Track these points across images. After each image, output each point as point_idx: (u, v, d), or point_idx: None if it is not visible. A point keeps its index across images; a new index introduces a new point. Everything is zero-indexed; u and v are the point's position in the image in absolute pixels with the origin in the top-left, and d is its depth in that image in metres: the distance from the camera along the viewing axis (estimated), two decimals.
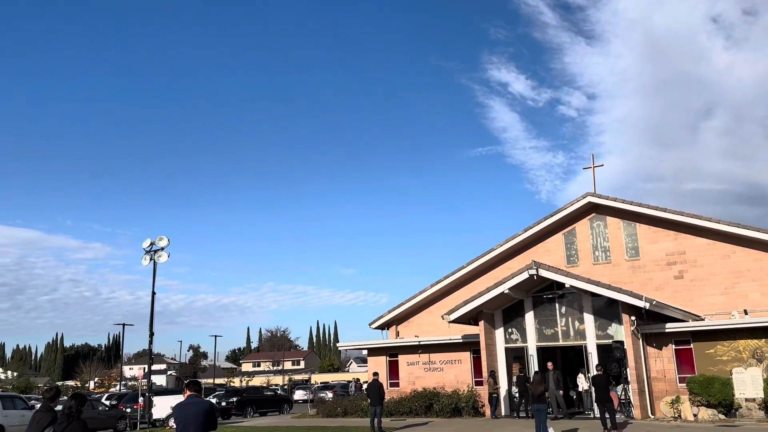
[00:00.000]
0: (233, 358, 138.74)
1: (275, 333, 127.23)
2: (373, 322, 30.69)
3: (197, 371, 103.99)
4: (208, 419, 7.41)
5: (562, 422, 18.83)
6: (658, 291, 23.59)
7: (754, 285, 22.59)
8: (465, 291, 27.70)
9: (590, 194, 25.96)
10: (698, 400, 19.13)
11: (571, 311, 21.96)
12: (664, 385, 20.54)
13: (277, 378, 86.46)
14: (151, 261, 26.86)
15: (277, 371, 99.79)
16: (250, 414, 33.08)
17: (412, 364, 26.46)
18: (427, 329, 28.94)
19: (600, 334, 21.25)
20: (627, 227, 25.47)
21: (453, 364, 25.42)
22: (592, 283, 20.70)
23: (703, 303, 23.20)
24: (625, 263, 25.28)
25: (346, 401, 27.71)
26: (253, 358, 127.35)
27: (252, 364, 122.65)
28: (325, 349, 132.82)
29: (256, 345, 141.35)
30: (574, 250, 26.54)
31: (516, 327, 23.03)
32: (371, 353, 27.97)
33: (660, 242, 24.68)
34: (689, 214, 23.93)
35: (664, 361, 20.75)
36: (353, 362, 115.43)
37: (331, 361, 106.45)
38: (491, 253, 27.86)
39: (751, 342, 19.44)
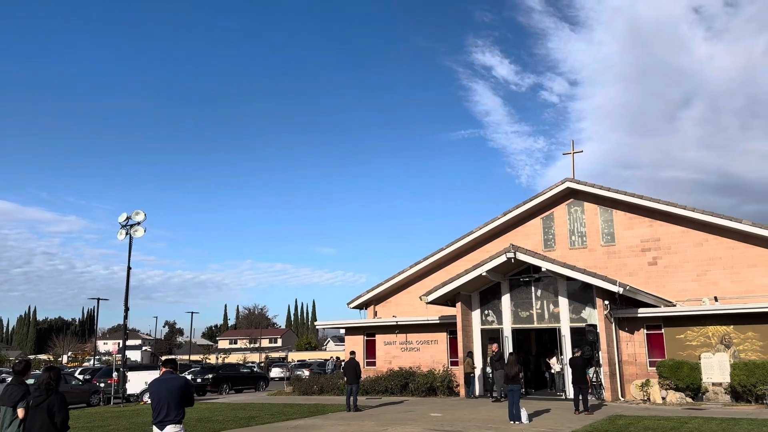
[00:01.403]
0: (210, 335, 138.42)
1: (253, 311, 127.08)
2: (351, 301, 30.81)
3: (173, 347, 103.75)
4: (183, 395, 7.40)
5: (534, 402, 19.18)
6: (632, 276, 24.01)
7: (724, 273, 23.08)
8: (444, 273, 27.91)
9: (569, 180, 26.20)
10: (667, 384, 19.61)
11: (546, 294, 22.26)
12: (635, 369, 21.00)
13: (253, 355, 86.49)
14: (127, 235, 26.60)
15: (253, 349, 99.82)
16: (226, 391, 33.12)
17: (389, 344, 26.67)
18: (405, 309, 29.15)
19: (574, 317, 21.60)
20: (604, 213, 25.80)
21: (430, 344, 25.68)
22: (568, 268, 20.98)
23: (675, 289, 23.68)
24: (600, 248, 25.65)
25: (323, 379, 27.87)
26: (229, 336, 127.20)
27: (228, 342, 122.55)
28: (303, 328, 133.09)
29: (233, 322, 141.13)
30: (551, 235, 26.83)
31: (492, 309, 23.30)
32: (349, 332, 28.12)
33: (635, 229, 25.06)
34: (664, 202, 24.30)
35: (636, 345, 21.19)
36: (331, 341, 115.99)
37: (309, 340, 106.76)
38: (470, 236, 28.06)
39: (720, 328, 19.92)
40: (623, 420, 15.11)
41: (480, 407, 19.12)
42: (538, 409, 17.43)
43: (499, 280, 22.96)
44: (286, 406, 20.99)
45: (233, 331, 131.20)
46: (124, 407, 23.84)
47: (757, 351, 19.20)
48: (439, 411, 18.10)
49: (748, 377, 18.31)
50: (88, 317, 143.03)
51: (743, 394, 18.51)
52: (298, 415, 17.94)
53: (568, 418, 15.83)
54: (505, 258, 21.33)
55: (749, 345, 19.40)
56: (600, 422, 14.77)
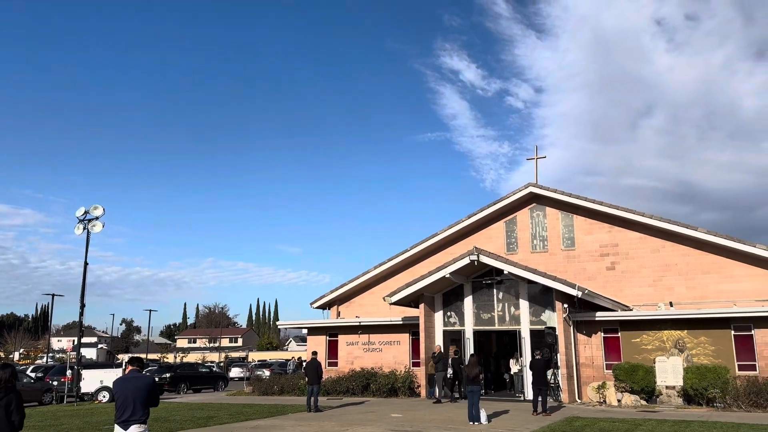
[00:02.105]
0: (168, 333, 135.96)
1: (213, 309, 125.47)
2: (315, 301, 30.66)
3: (130, 345, 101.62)
4: (150, 395, 7.24)
5: (493, 404, 19.38)
6: (590, 281, 24.50)
7: (680, 279, 23.75)
8: (408, 274, 28.01)
9: (532, 185, 26.60)
10: (623, 386, 20.05)
11: (508, 297, 22.54)
12: (592, 371, 21.43)
13: (213, 355, 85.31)
14: (84, 230, 25.93)
15: (213, 348, 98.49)
16: (184, 390, 32.59)
17: (351, 344, 26.62)
18: (368, 310, 29.15)
19: (534, 320, 21.92)
20: (565, 218, 26.27)
21: (392, 345, 25.72)
22: (529, 271, 21.29)
23: (632, 294, 24.25)
24: (561, 253, 26.11)
25: (283, 379, 27.65)
26: (188, 334, 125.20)
27: (188, 341, 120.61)
28: (265, 328, 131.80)
29: (192, 321, 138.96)
30: (514, 238, 27.20)
31: (455, 311, 23.48)
32: (311, 332, 27.97)
33: (595, 234, 25.59)
34: (623, 208, 24.87)
35: (593, 348, 21.62)
36: (293, 341, 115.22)
37: (270, 340, 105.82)
38: (435, 238, 28.24)
39: (675, 333, 20.47)
40: (580, 421, 15.39)
41: (440, 408, 19.24)
42: (497, 410, 17.62)
43: (462, 282, 23.15)
44: (246, 407, 20.75)
45: (193, 330, 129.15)
46: (77, 406, 23.22)
47: (709, 355, 19.79)
48: (399, 412, 18.15)
49: (700, 381, 18.84)
50: (42, 314, 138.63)
51: (695, 397, 19.05)
52: (257, 416, 17.75)
53: (527, 419, 16.05)
54: (468, 260, 21.52)
55: (702, 349, 19.98)
56: (557, 423, 15.02)
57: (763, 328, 19.20)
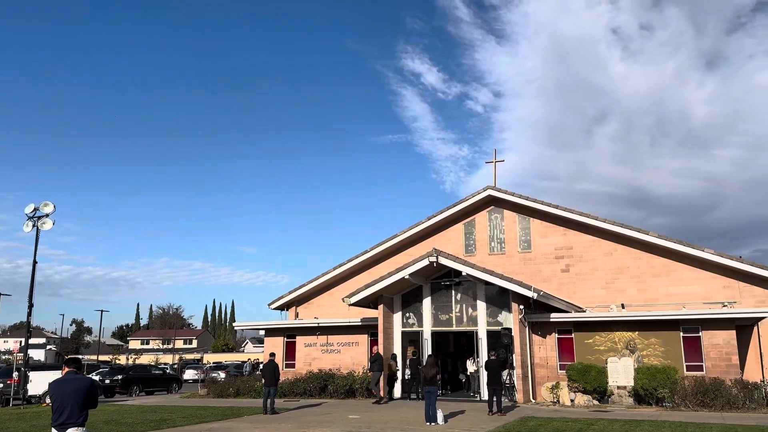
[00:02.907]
0: (120, 334, 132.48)
1: (167, 310, 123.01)
2: (272, 302, 30.38)
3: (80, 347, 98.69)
4: (88, 397, 6.99)
5: (450, 404, 19.54)
6: (546, 282, 24.97)
7: (631, 281, 24.42)
8: (367, 275, 28.02)
9: (491, 188, 26.96)
10: (576, 387, 20.48)
11: (466, 298, 22.76)
12: (546, 372, 21.82)
13: (167, 357, 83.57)
14: (34, 228, 25.09)
15: (167, 350, 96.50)
16: (136, 393, 31.84)
17: (309, 346, 26.44)
18: (327, 311, 29.03)
19: (491, 321, 22.19)
20: (522, 221, 26.71)
21: (350, 346, 25.66)
22: (487, 272, 21.55)
23: (585, 296, 24.82)
24: (518, 255, 26.53)
25: (239, 381, 27.27)
26: (141, 336, 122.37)
27: (140, 342, 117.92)
28: (221, 329, 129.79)
29: (146, 322, 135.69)
30: (472, 240, 27.50)
31: (413, 312, 23.58)
32: (268, 334, 27.67)
33: (550, 237, 26.10)
34: (578, 212, 25.44)
35: (547, 349, 22.01)
36: (249, 342, 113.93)
37: (226, 341, 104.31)
38: (395, 239, 28.33)
39: (626, 334, 21.02)
40: (534, 421, 15.63)
41: (397, 408, 19.28)
42: (453, 411, 17.77)
43: (421, 284, 23.27)
44: (200, 409, 20.38)
45: (146, 331, 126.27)
46: (24, 409, 22.40)
47: (659, 356, 20.38)
48: (357, 413, 18.11)
49: (650, 381, 19.39)
50: None
51: (645, 397, 19.59)
52: (212, 418, 17.44)
53: (482, 419, 16.22)
54: (427, 262, 21.64)
55: (652, 350, 20.57)
56: (512, 423, 15.22)
57: (711, 330, 19.89)
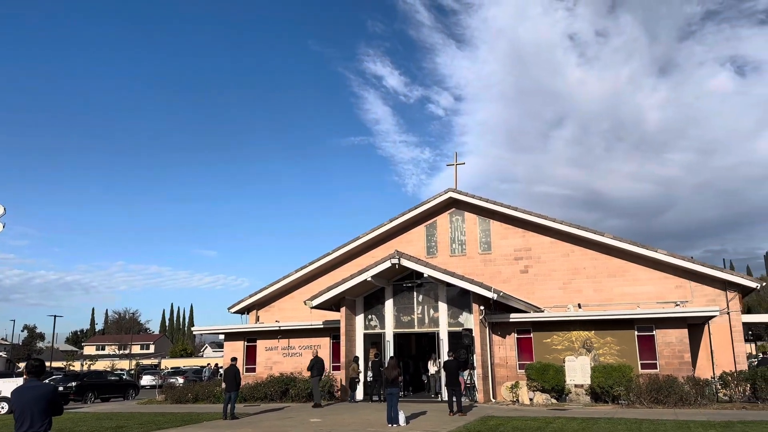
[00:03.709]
0: (74, 340, 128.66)
1: (123, 315, 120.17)
2: (232, 306, 29.99)
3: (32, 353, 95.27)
4: (51, 403, 6.78)
5: (412, 405, 19.61)
6: (505, 283, 25.32)
7: (588, 282, 24.97)
8: (329, 277, 27.92)
9: (452, 190, 27.20)
10: (535, 385, 20.82)
11: (427, 300, 22.89)
12: (506, 371, 22.11)
13: (123, 362, 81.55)
14: None
15: (123, 355, 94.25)
16: (91, 400, 30.97)
17: (270, 349, 26.18)
18: (288, 314, 28.81)
19: (452, 322, 22.38)
20: (482, 223, 27.04)
21: (312, 349, 25.47)
22: (448, 274, 21.72)
23: (544, 296, 25.26)
24: (478, 256, 26.83)
25: (198, 387, 26.80)
26: (97, 341, 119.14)
27: (96, 348, 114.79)
28: (179, 334, 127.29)
29: (101, 327, 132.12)
30: (434, 242, 27.70)
31: (376, 314, 23.59)
32: (228, 338, 27.28)
33: (510, 239, 26.49)
34: (536, 214, 25.88)
35: (507, 349, 22.32)
36: (208, 347, 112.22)
37: (185, 346, 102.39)
38: (357, 241, 28.31)
39: (583, 333, 21.47)
40: (494, 420, 15.82)
41: (359, 411, 19.25)
42: (415, 412, 17.83)
43: (383, 285, 23.31)
44: (158, 415, 19.94)
45: (101, 337, 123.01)
46: None
47: (615, 355, 20.89)
48: (319, 416, 18.00)
49: (606, 379, 19.85)
50: None
51: (602, 395, 20.04)
52: (169, 424, 17.09)
53: (443, 420, 16.33)
54: (389, 264, 21.70)
55: (608, 349, 21.06)
56: (473, 423, 15.37)
57: (664, 329, 20.48)
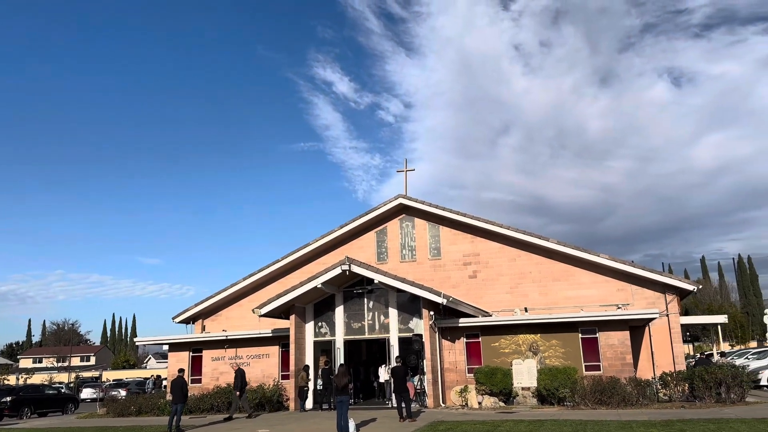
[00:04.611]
0: (9, 353, 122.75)
1: (62, 326, 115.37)
2: (177, 315, 29.25)
3: None
4: None
5: (362, 412, 19.54)
6: (455, 288, 25.59)
7: (534, 286, 25.50)
8: (278, 285, 27.59)
9: (402, 196, 27.34)
10: (483, 389, 21.08)
11: (378, 306, 22.90)
12: (455, 376, 22.31)
13: (62, 375, 78.33)
14: None
15: (62, 368, 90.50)
16: (27, 415, 29.60)
17: (217, 360, 25.64)
18: (236, 323, 28.30)
19: (402, 327, 22.45)
20: (432, 229, 27.27)
21: (261, 358, 25.12)
22: (398, 280, 21.79)
23: (492, 300, 25.65)
24: (428, 262, 27.04)
25: (141, 399, 25.98)
26: (34, 353, 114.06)
27: (33, 360, 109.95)
28: (121, 345, 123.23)
29: (38, 339, 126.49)
30: (384, 248, 27.75)
31: (326, 321, 23.43)
32: (173, 348, 26.56)
33: (459, 244, 26.81)
34: (484, 220, 26.30)
35: (456, 353, 22.53)
36: (152, 358, 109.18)
37: (127, 357, 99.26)
38: (307, 248, 28.07)
39: (529, 336, 21.90)
40: (443, 425, 15.92)
41: (309, 420, 19.05)
42: (365, 419, 17.78)
43: (333, 292, 23.18)
44: (99, 429, 19.22)
45: (38, 349, 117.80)
46: None
47: (560, 357, 21.37)
48: (267, 426, 17.72)
49: (552, 381, 20.27)
50: None
51: (548, 397, 20.45)
52: None
53: (393, 427, 16.32)
54: (340, 270, 21.60)
55: (553, 352, 21.54)
56: (422, 429, 15.42)
57: (606, 331, 21.09)
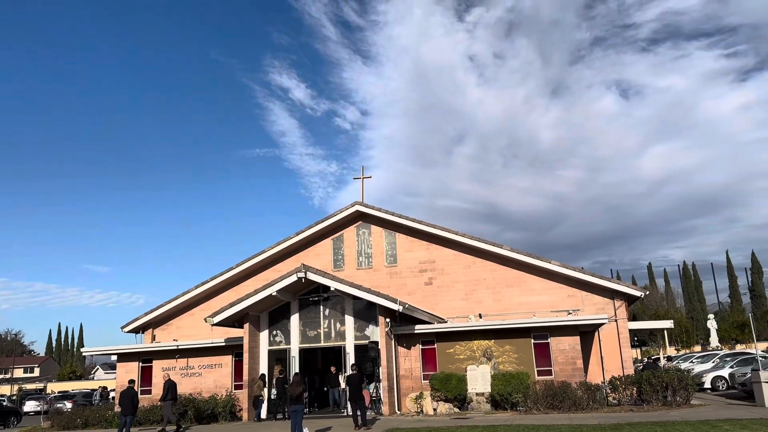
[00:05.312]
0: None
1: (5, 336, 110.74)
2: (126, 324, 28.48)
3: None
4: None
5: (317, 421, 19.39)
6: (411, 295, 25.72)
7: (488, 292, 25.85)
8: (232, 293, 27.19)
9: (358, 203, 27.35)
10: (438, 396, 21.20)
11: (334, 313, 22.80)
12: (411, 382, 22.39)
13: (4, 387, 75.08)
14: None
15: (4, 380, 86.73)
16: None
17: (167, 370, 25.00)
18: (188, 333, 27.73)
19: (358, 335, 22.41)
20: (388, 236, 27.36)
21: (213, 368, 24.65)
22: (355, 287, 21.76)
23: (447, 307, 25.87)
24: (385, 269, 27.10)
25: (89, 411, 25.11)
26: None
27: None
28: (67, 355, 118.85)
29: None
30: (341, 255, 27.68)
31: (281, 329, 23.19)
32: (122, 359, 25.81)
33: (415, 251, 26.97)
34: (440, 227, 26.54)
35: (412, 360, 22.62)
36: (100, 369, 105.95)
37: (74, 368, 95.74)
38: (262, 255, 27.75)
39: (483, 342, 22.16)
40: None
41: (262, 430, 18.79)
42: (320, 428, 17.65)
43: (289, 300, 22.96)
44: None
45: None
46: None
47: (513, 362, 21.69)
48: None
49: (505, 387, 20.55)
50: None
51: (501, 403, 20.72)
52: None
53: None
54: (296, 278, 21.43)
55: (507, 357, 21.85)
56: None
57: (558, 336, 21.53)
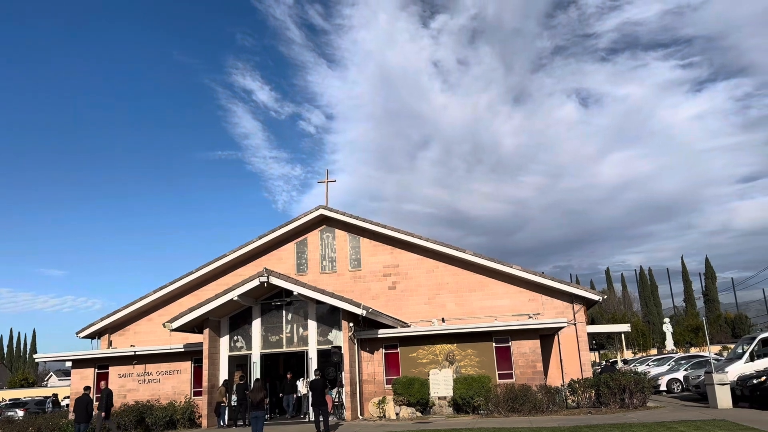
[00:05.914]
0: None
1: None
2: (81, 330, 27.67)
3: None
4: None
5: (279, 427, 19.16)
6: (374, 300, 25.67)
7: (451, 296, 25.99)
8: (192, 297, 26.72)
9: (323, 207, 27.21)
10: (401, 400, 21.19)
11: (297, 318, 22.59)
12: (374, 387, 22.32)
13: None
14: None
15: None
16: None
17: (124, 376, 24.42)
18: (146, 338, 27.12)
19: (321, 340, 22.24)
20: (352, 240, 27.28)
21: (172, 374, 24.14)
22: (318, 291, 21.61)
23: (410, 311, 25.92)
24: (349, 273, 27.00)
25: (41, 420, 24.29)
26: None
27: None
28: (20, 362, 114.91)
29: None
30: (304, 260, 27.47)
31: (242, 334, 22.85)
32: (76, 365, 25.07)
33: (379, 255, 26.96)
34: (404, 232, 26.60)
35: (375, 365, 22.57)
36: (54, 376, 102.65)
37: (26, 375, 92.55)
38: (223, 259, 27.34)
39: (446, 346, 22.26)
40: None
41: None
42: None
43: (251, 305, 22.66)
44: None
45: None
46: None
47: (475, 366, 21.84)
48: None
49: (467, 390, 20.67)
50: None
51: (463, 406, 20.82)
52: None
53: None
54: (258, 282, 21.15)
55: (469, 361, 21.99)
56: None
57: (519, 340, 21.78)
